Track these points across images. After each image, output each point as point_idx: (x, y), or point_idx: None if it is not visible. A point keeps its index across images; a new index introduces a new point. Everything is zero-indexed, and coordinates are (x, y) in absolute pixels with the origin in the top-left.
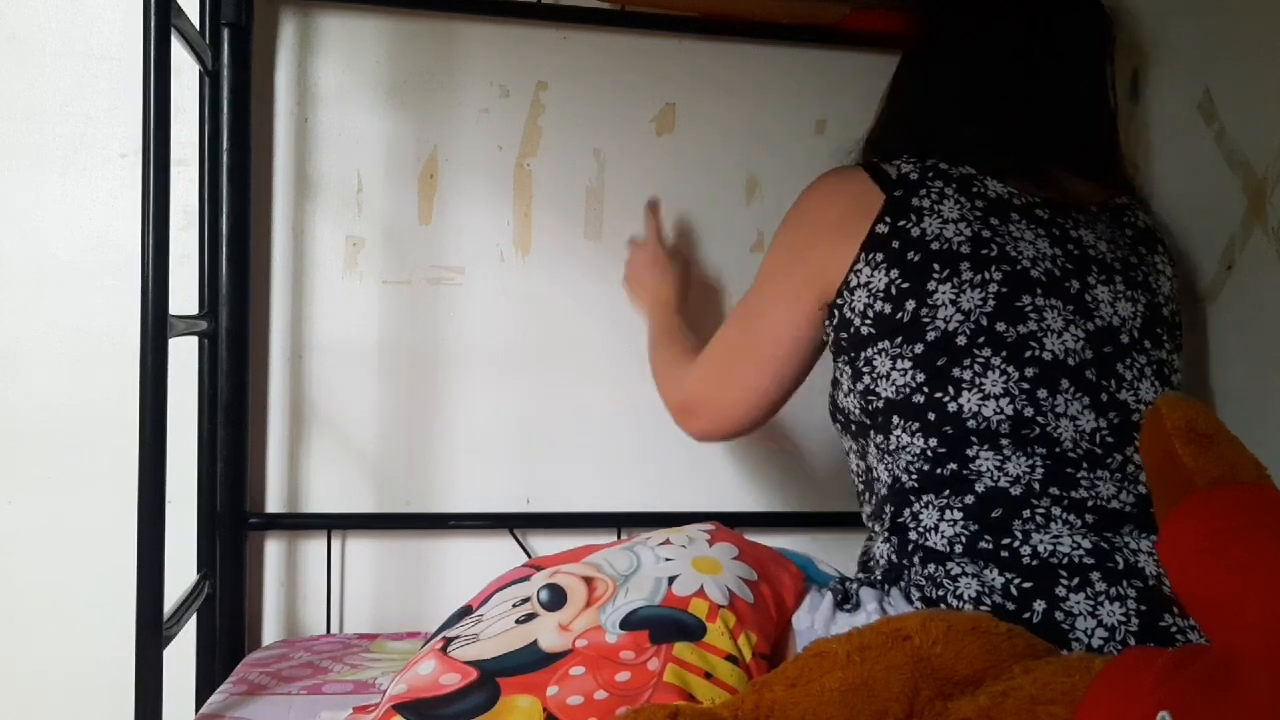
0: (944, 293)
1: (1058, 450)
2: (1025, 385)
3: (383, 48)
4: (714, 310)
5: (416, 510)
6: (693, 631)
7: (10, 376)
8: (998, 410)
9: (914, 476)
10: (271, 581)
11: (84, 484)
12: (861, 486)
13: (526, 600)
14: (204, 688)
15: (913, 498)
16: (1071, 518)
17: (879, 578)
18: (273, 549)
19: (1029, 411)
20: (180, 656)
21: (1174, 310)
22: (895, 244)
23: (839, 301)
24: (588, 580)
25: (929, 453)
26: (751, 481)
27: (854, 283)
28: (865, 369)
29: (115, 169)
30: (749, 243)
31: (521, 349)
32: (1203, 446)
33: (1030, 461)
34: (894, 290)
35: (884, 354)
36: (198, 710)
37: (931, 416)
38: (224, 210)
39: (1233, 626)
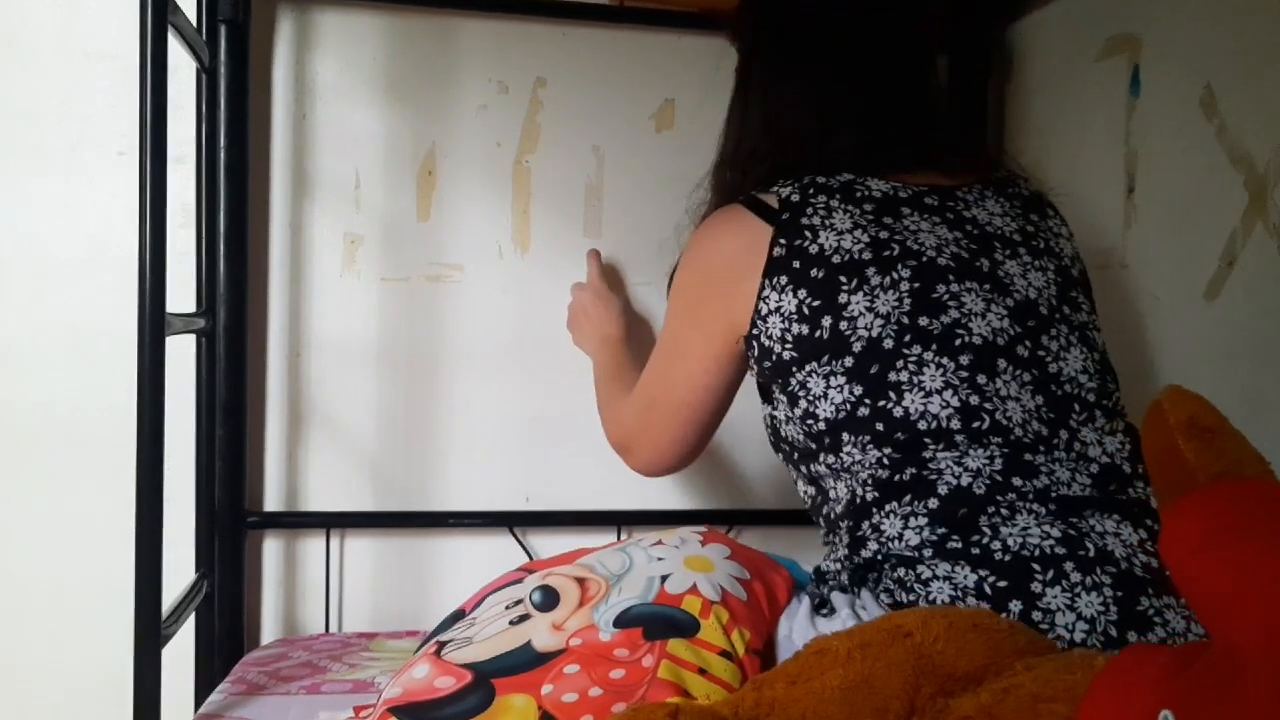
0: (857, 302)
1: (1012, 438)
2: (964, 374)
3: (380, 44)
4: None
5: (416, 508)
6: (686, 628)
7: (8, 375)
8: (944, 404)
9: (872, 488)
10: (270, 580)
11: (82, 482)
12: (812, 506)
13: (519, 602)
14: (203, 687)
15: (874, 509)
16: (1036, 507)
17: (845, 582)
18: (271, 547)
19: (974, 399)
20: (179, 656)
21: (1081, 269)
22: (796, 264)
23: (754, 333)
24: (580, 581)
25: (885, 460)
26: (750, 479)
27: (764, 310)
28: (800, 393)
29: (113, 167)
30: None
31: (521, 346)
32: (1205, 441)
33: (988, 453)
34: (806, 310)
35: (814, 374)
36: (196, 710)
37: (880, 426)
38: (222, 208)
39: (1235, 624)
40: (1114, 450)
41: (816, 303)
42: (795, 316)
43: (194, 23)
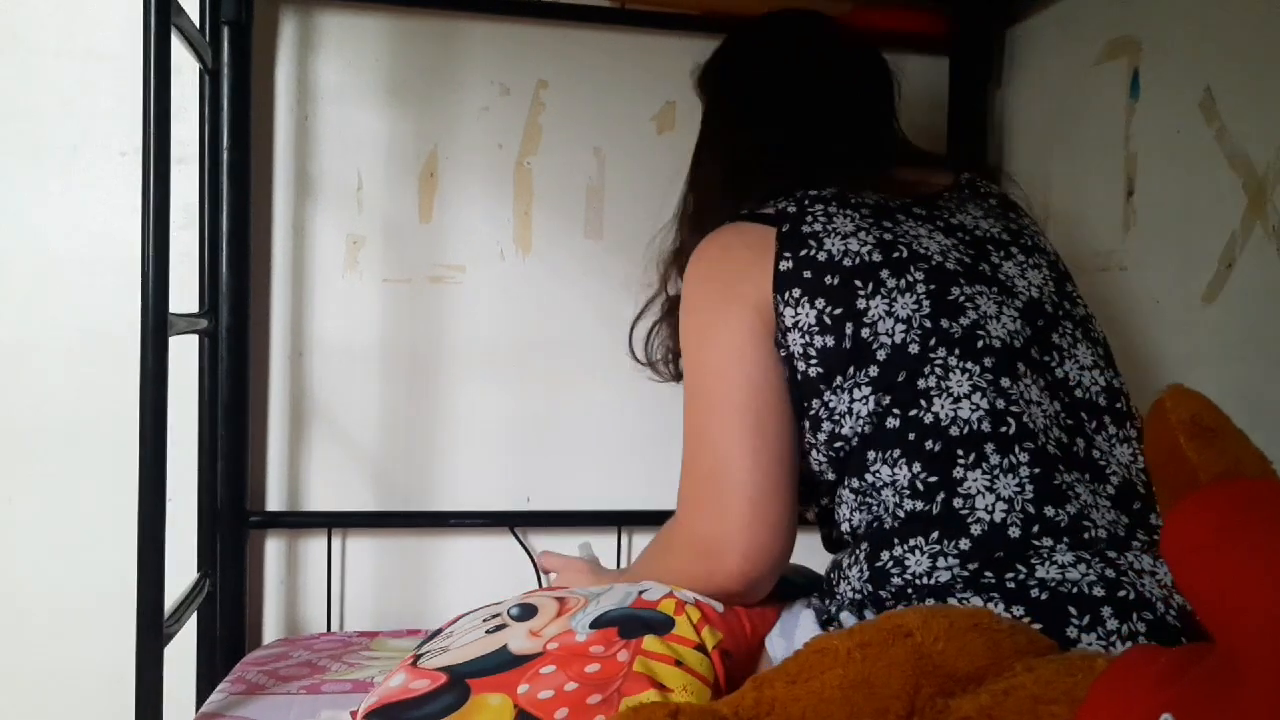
0: (876, 306)
1: (1038, 445)
2: (989, 377)
3: (383, 46)
4: None
5: (417, 508)
6: (660, 625)
7: (11, 374)
8: (974, 408)
9: (898, 518)
10: (272, 580)
11: (84, 482)
12: (823, 522)
13: (496, 616)
14: (204, 686)
15: (895, 539)
16: (1074, 540)
17: (859, 600)
18: (273, 547)
19: (1000, 403)
20: (180, 655)
21: (1065, 265)
22: (806, 273)
23: (777, 348)
24: (559, 599)
25: (917, 484)
26: None
27: (783, 326)
28: (823, 415)
29: (116, 167)
30: None
31: (522, 347)
32: (1207, 441)
33: (1018, 478)
34: (828, 319)
35: (839, 391)
36: (198, 709)
37: (912, 436)
38: (224, 209)
39: (1237, 624)
40: (1128, 463)
41: (837, 310)
42: (816, 328)
43: (197, 24)
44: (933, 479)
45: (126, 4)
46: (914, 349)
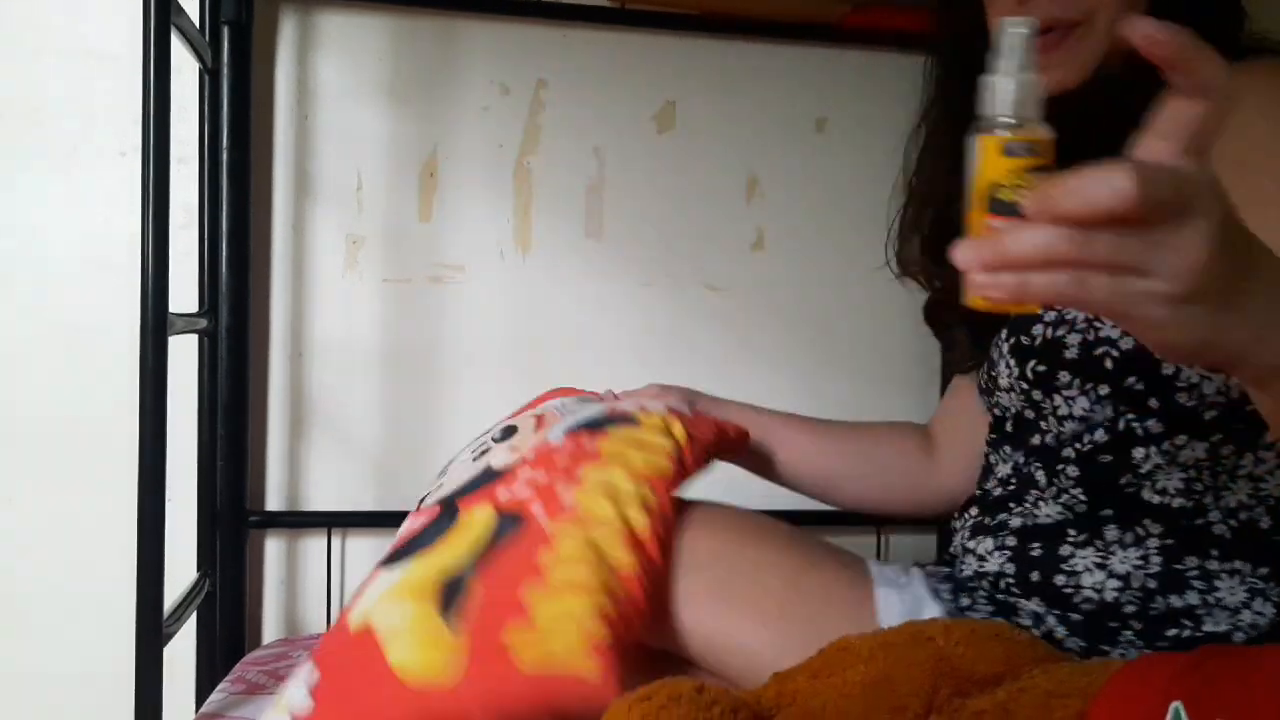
0: None
1: None
2: None
3: (383, 45)
4: (716, 314)
5: None
6: (631, 420)
7: (9, 374)
8: None
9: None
10: (272, 580)
11: (84, 482)
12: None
13: (482, 444)
14: (204, 686)
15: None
16: None
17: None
18: (273, 547)
19: None
20: (180, 655)
21: None
22: None
23: None
24: (538, 417)
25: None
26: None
27: None
28: None
29: (115, 167)
30: (749, 241)
31: (522, 347)
32: None
33: None
34: None
35: None
36: (197, 709)
37: None
38: (224, 208)
39: None
40: None
41: None
42: None
43: (197, 24)
44: None
45: (127, 3)
46: None
